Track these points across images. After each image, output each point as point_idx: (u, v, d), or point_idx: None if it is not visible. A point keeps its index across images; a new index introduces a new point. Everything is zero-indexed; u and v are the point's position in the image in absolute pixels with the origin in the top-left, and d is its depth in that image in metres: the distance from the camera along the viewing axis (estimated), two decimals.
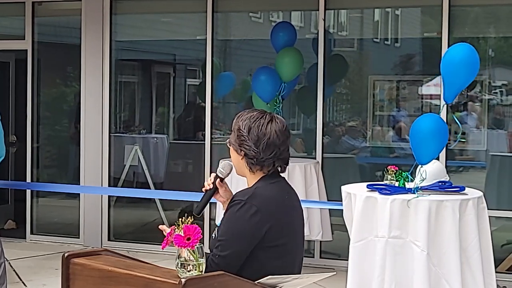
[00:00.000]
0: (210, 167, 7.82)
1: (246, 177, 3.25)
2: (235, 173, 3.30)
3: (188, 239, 2.65)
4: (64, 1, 8.71)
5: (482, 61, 4.72)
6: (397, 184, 4.84)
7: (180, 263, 2.68)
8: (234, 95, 8.64)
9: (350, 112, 8.53)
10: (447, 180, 4.87)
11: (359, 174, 7.96)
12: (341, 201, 4.89)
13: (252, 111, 3.25)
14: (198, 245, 2.67)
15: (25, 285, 6.70)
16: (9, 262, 7.07)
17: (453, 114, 7.22)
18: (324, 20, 7.58)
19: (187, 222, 2.69)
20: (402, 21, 8.33)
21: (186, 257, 2.67)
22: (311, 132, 7.70)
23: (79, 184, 8.33)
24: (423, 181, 4.59)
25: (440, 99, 7.22)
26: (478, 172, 7.86)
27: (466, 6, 7.53)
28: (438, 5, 7.18)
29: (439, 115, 4.85)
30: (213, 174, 3.33)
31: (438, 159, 4.92)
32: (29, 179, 8.59)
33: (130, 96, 9.48)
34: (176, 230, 2.69)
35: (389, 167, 5.09)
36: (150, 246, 7.91)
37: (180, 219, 2.71)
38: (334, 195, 6.73)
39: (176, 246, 2.66)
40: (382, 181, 5.09)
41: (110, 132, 8.31)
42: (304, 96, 7.97)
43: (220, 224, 3.16)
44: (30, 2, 8.53)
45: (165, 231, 3.07)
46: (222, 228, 3.12)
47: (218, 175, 3.30)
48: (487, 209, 4.73)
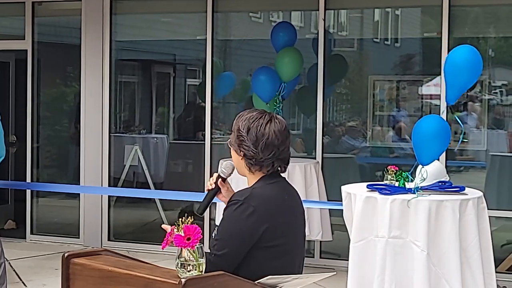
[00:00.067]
0: (210, 167, 7.82)
1: (246, 177, 3.26)
2: (236, 173, 3.30)
3: (188, 239, 2.65)
4: (64, 1, 8.71)
5: (482, 61, 4.72)
6: (397, 184, 4.84)
7: (180, 263, 2.68)
8: (234, 95, 8.64)
9: (350, 112, 8.53)
10: (447, 180, 4.87)
11: (359, 174, 7.96)
12: (341, 201, 4.89)
13: (252, 112, 3.25)
14: (198, 245, 2.67)
15: (25, 285, 6.70)
16: (9, 262, 7.06)
17: (454, 115, 7.21)
18: (324, 20, 7.58)
19: (187, 222, 2.69)
20: (402, 21, 8.33)
21: (186, 257, 2.67)
22: (311, 132, 7.69)
23: (79, 184, 8.32)
24: (423, 181, 4.59)
25: (440, 99, 7.22)
26: (478, 172, 7.86)
27: (466, 6, 7.53)
28: (438, 5, 7.18)
29: (441, 116, 4.85)
30: (215, 174, 3.34)
31: (438, 159, 4.92)
32: (29, 179, 8.59)
33: (130, 96, 9.47)
34: (176, 230, 2.69)
35: (389, 167, 5.08)
36: (150, 246, 7.91)
37: (180, 219, 2.71)
38: (334, 195, 6.72)
39: (176, 246, 2.66)
40: (382, 181, 5.08)
41: (110, 132, 8.30)
42: (304, 96, 7.97)
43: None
44: (30, 2, 8.52)
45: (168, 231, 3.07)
46: (219, 227, 3.12)
47: (220, 175, 3.31)
48: (487, 209, 4.74)
